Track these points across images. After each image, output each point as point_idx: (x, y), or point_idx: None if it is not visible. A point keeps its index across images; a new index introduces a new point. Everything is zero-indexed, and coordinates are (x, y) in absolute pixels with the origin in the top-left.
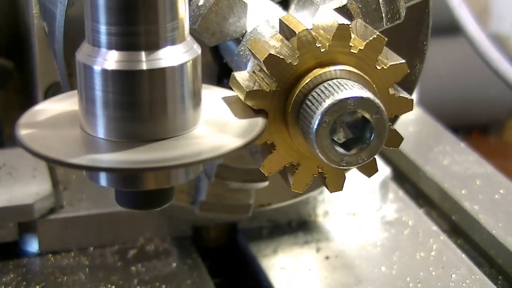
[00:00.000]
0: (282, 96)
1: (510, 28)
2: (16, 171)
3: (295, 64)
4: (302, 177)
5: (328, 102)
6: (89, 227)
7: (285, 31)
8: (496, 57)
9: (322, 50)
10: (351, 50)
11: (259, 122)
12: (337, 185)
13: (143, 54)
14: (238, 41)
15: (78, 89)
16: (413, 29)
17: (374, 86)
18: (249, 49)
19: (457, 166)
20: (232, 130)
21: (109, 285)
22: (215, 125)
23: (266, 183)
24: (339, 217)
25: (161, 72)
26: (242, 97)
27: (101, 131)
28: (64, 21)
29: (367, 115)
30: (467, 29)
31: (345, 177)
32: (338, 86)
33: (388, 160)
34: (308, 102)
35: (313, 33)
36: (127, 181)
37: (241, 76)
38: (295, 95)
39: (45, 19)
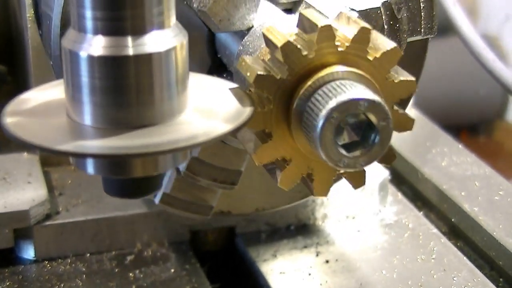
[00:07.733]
0: (289, 86)
1: (498, 28)
2: (11, 176)
3: (310, 57)
4: (290, 175)
5: (339, 98)
6: (86, 233)
7: (305, 24)
8: (490, 57)
9: (339, 49)
10: (367, 56)
11: (247, 108)
12: (322, 190)
13: (129, 39)
14: (239, 36)
15: (64, 76)
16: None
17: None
18: (264, 35)
19: (455, 167)
20: (220, 116)
21: None
22: (203, 111)
23: (235, 187)
24: (338, 220)
25: (147, 58)
26: (251, 79)
27: (87, 118)
28: (60, 21)
29: (374, 120)
30: (461, 29)
31: (332, 184)
32: (351, 86)
33: None
34: (317, 97)
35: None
36: (115, 168)
37: (251, 61)
38: (304, 88)
39: (40, 23)
